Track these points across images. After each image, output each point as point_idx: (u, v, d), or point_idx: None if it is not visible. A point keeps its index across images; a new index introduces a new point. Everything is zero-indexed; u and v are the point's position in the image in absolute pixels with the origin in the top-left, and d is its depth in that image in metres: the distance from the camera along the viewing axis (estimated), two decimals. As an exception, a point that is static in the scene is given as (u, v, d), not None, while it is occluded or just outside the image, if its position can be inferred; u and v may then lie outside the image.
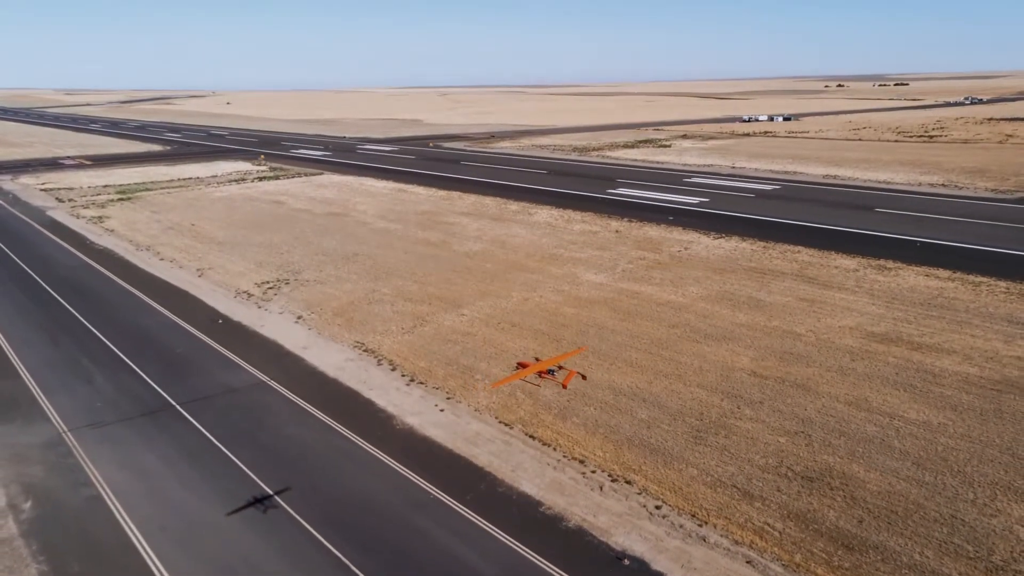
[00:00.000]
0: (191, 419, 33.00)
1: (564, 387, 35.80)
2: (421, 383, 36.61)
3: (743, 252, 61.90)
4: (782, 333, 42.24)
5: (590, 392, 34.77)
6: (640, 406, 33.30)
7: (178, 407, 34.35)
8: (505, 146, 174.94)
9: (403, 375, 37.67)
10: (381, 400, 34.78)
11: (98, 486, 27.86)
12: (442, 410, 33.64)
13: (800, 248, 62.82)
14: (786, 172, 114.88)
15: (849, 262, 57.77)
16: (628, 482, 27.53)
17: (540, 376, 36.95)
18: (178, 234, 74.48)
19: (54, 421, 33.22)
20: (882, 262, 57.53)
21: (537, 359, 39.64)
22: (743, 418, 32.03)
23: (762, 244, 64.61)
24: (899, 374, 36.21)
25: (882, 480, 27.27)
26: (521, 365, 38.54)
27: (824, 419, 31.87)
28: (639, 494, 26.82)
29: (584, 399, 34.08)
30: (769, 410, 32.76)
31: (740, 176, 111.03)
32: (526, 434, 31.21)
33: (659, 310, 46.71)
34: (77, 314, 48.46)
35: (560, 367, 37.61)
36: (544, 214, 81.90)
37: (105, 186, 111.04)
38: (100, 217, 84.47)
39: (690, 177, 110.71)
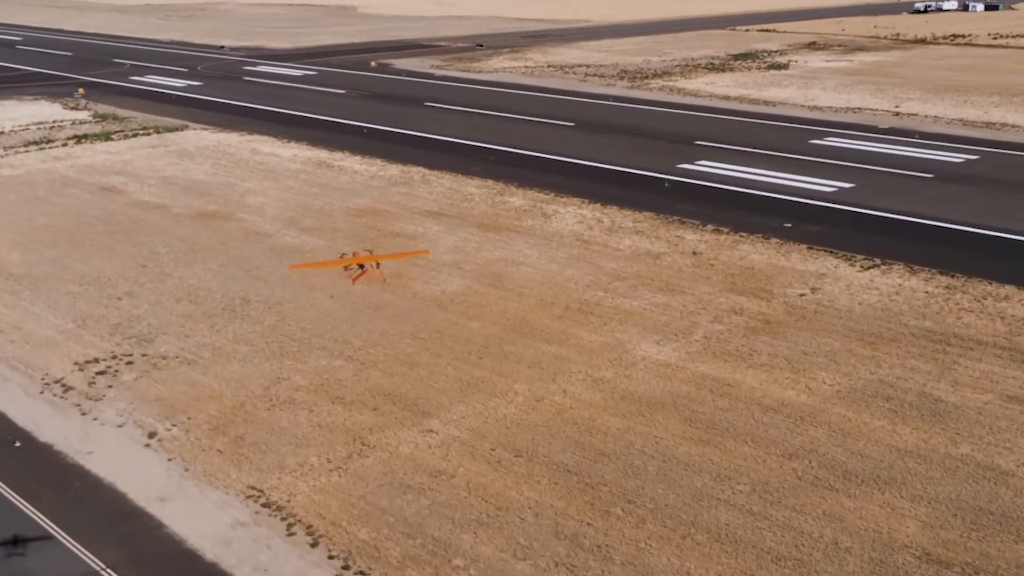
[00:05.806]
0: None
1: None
2: (362, 573, 37.57)
3: (911, 298, 62.87)
4: (976, 469, 43.15)
5: (649, 595, 35.78)
6: (733, 624, 34.30)
7: (-49, 624, 35.42)
8: (502, 66, 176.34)
9: (331, 555, 38.59)
10: (294, 609, 35.83)
11: None
12: (398, 629, 34.68)
13: (1009, 289, 63.76)
14: (988, 124, 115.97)
15: (1093, 319, 58.79)
16: None
17: (347, 269, 63.43)
18: (-60, 257, 75.58)
19: None
20: None
21: (370, 251, 67.33)
22: (908, 650, 33.01)
23: (945, 281, 65.55)
24: None
25: None
26: (355, 255, 65.74)
27: (1045, 651, 32.83)
28: None
29: (639, 609, 35.06)
30: (952, 632, 33.73)
31: (909, 133, 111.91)
32: None
33: (767, 421, 47.66)
34: None
35: (377, 265, 62.94)
36: (570, 215, 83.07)
37: None
38: None
39: (821, 135, 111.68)
